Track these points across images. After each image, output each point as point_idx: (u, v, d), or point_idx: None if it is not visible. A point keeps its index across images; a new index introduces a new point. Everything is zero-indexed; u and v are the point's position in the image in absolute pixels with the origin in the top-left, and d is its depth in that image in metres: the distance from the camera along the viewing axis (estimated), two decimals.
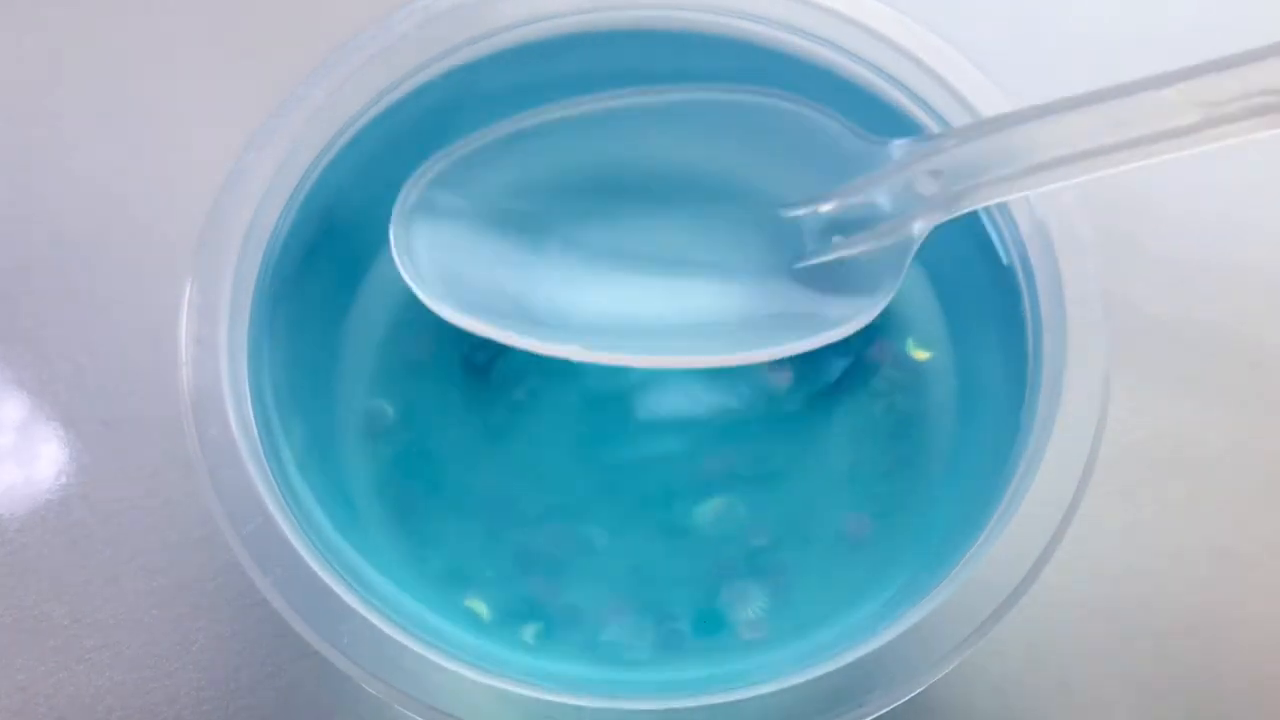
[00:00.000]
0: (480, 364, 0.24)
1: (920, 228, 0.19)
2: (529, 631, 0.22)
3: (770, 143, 0.20)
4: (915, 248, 0.19)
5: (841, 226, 0.19)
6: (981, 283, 0.24)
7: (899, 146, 0.19)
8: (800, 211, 0.19)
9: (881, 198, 0.19)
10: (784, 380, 0.24)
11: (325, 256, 0.24)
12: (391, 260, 0.24)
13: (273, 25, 0.32)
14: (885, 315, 0.24)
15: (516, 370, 0.24)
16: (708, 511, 0.23)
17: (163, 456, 0.27)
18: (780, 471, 0.23)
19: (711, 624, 0.22)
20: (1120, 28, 0.33)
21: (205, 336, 0.21)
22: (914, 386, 0.24)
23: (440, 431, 0.24)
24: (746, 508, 0.23)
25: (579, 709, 0.18)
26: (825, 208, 0.19)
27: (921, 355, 0.24)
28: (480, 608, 0.22)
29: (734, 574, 0.22)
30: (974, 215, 0.24)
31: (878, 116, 0.23)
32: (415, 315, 0.24)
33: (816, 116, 0.20)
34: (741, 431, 0.23)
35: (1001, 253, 0.23)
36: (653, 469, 0.23)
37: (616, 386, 0.23)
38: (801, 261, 0.19)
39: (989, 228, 0.23)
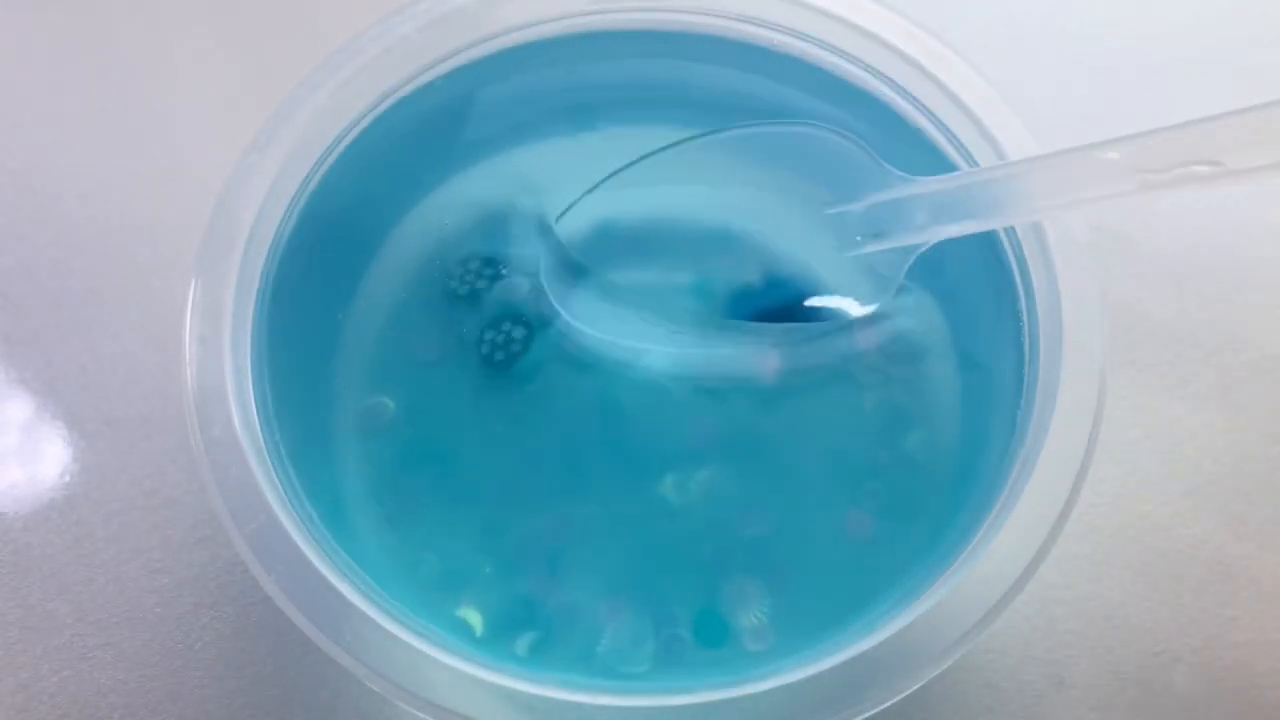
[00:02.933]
0: (499, 362, 0.24)
1: (908, 248, 0.23)
2: (523, 643, 0.21)
3: (815, 160, 0.24)
4: (909, 261, 0.23)
5: (864, 229, 0.23)
6: (980, 281, 0.24)
7: (906, 179, 0.23)
8: (835, 210, 0.24)
9: (891, 217, 0.23)
10: (779, 372, 0.24)
11: (328, 257, 0.24)
12: (392, 260, 0.25)
13: (274, 27, 0.33)
14: (887, 315, 0.25)
15: (530, 368, 0.24)
16: (699, 483, 0.23)
17: (166, 456, 0.27)
18: (772, 456, 0.23)
19: (714, 632, 0.22)
20: (1115, 26, 0.33)
21: (209, 336, 0.21)
22: (910, 385, 0.24)
23: (438, 427, 0.24)
24: (739, 487, 0.23)
25: (579, 705, 0.19)
26: (855, 211, 0.24)
27: (920, 353, 0.24)
28: (473, 616, 0.22)
29: (733, 567, 0.22)
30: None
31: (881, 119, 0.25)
32: (416, 315, 0.24)
33: (842, 141, 0.24)
34: (735, 415, 0.24)
35: (1000, 251, 0.23)
36: (648, 447, 0.23)
37: (622, 378, 0.24)
38: (835, 249, 0.24)
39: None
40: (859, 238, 0.23)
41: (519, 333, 0.24)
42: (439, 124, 0.25)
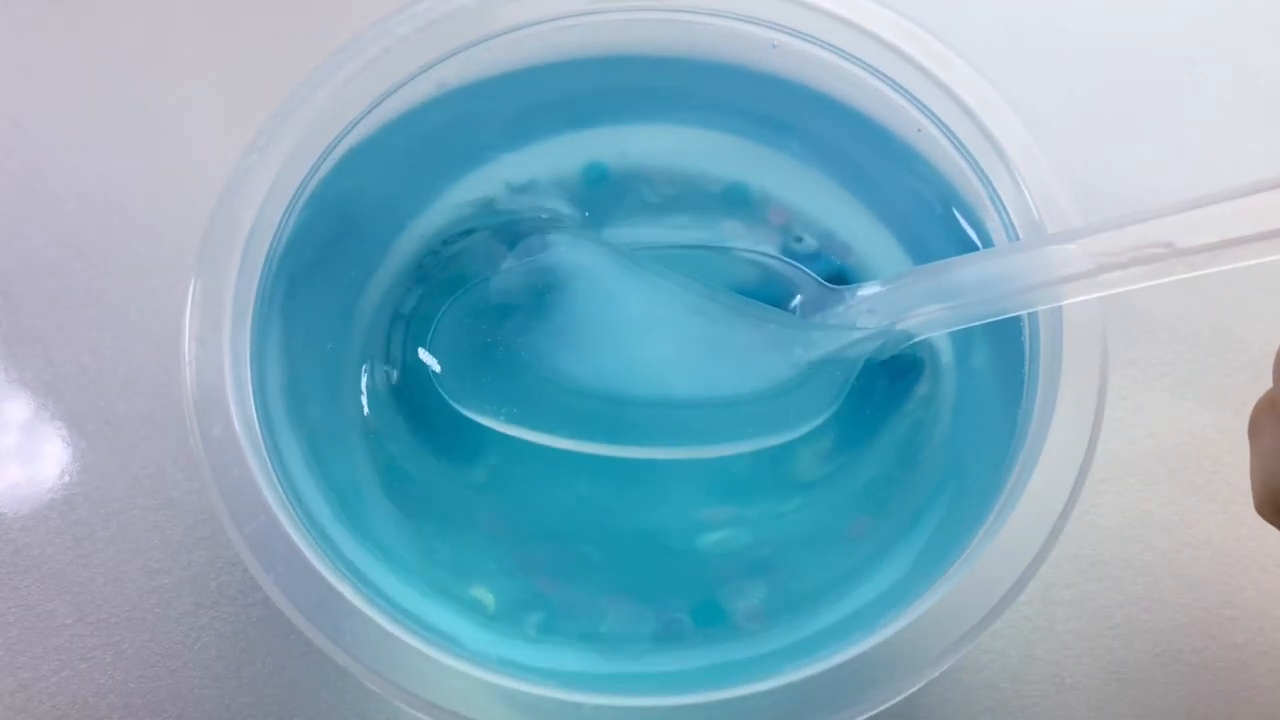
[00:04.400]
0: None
1: (860, 351, 0.23)
2: (532, 622, 0.22)
3: (754, 282, 0.24)
4: (858, 368, 0.23)
5: (805, 347, 0.23)
6: None
7: (850, 290, 0.23)
8: (772, 334, 0.23)
9: (834, 326, 0.23)
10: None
11: (327, 256, 0.24)
12: (392, 259, 0.25)
13: (274, 27, 0.33)
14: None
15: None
16: (711, 540, 0.23)
17: (166, 456, 0.27)
18: (798, 507, 0.23)
19: (711, 614, 0.22)
20: (1115, 27, 0.33)
21: (208, 336, 0.21)
22: (911, 386, 0.24)
23: (437, 428, 0.24)
24: (752, 536, 0.23)
25: (578, 705, 0.19)
26: (793, 332, 0.23)
27: (920, 355, 0.24)
28: (485, 596, 0.22)
29: (735, 571, 0.22)
30: (969, 214, 0.24)
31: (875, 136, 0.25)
32: (417, 314, 0.24)
33: (792, 270, 0.24)
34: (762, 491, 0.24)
35: None
36: (654, 512, 0.23)
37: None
38: (770, 372, 0.23)
39: (987, 227, 0.24)
40: (800, 350, 0.23)
41: (514, 323, 0.24)
42: (439, 124, 0.25)
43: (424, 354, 0.23)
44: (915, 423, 0.24)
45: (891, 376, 0.24)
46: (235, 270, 0.22)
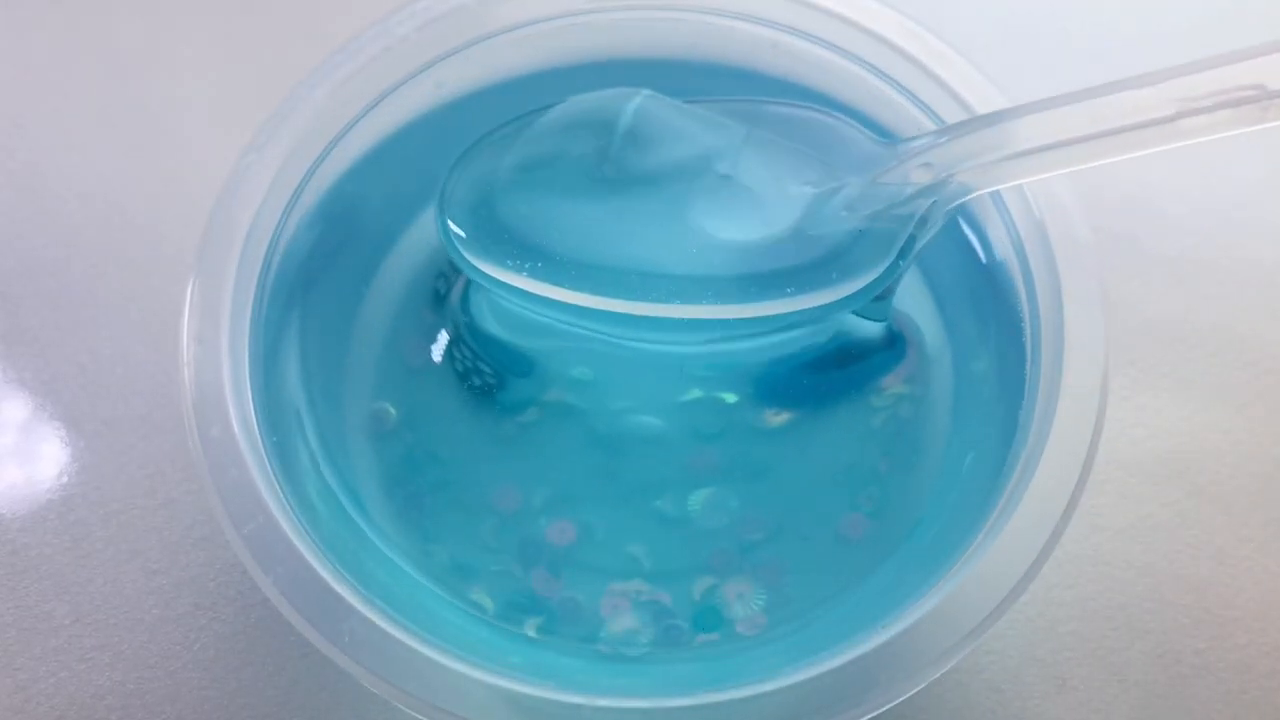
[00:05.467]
0: (478, 386, 0.24)
1: (912, 209, 0.21)
2: (531, 625, 0.22)
3: (800, 139, 0.22)
4: (909, 228, 0.21)
5: (850, 205, 0.21)
6: (979, 282, 0.24)
7: (903, 143, 0.22)
8: (817, 190, 0.22)
9: (884, 183, 0.21)
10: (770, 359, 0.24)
11: (327, 256, 0.24)
12: (393, 259, 0.25)
13: (274, 27, 0.33)
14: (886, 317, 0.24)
15: (516, 392, 0.24)
16: (700, 500, 0.23)
17: (164, 456, 0.27)
18: (774, 470, 0.23)
19: (710, 618, 0.22)
20: (1115, 27, 0.33)
21: (207, 336, 0.21)
22: (910, 386, 0.24)
23: (440, 434, 0.24)
24: (739, 501, 0.23)
25: (578, 706, 0.18)
26: (839, 188, 0.22)
27: (919, 354, 0.24)
28: (484, 599, 0.22)
29: (731, 569, 0.22)
30: (969, 215, 0.24)
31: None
32: (417, 315, 0.24)
33: (842, 125, 0.22)
34: (736, 434, 0.23)
35: (1000, 252, 0.23)
36: (650, 465, 0.23)
37: (616, 397, 0.24)
38: (814, 230, 0.21)
39: (987, 226, 0.24)
40: (845, 212, 0.21)
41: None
42: (440, 124, 0.25)
43: (451, 224, 0.22)
44: (897, 418, 0.24)
45: (855, 351, 0.23)
46: (234, 270, 0.22)
